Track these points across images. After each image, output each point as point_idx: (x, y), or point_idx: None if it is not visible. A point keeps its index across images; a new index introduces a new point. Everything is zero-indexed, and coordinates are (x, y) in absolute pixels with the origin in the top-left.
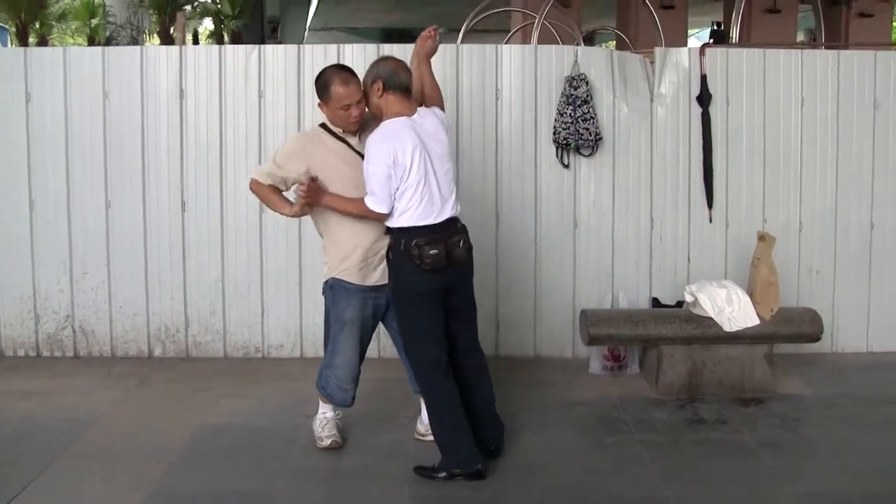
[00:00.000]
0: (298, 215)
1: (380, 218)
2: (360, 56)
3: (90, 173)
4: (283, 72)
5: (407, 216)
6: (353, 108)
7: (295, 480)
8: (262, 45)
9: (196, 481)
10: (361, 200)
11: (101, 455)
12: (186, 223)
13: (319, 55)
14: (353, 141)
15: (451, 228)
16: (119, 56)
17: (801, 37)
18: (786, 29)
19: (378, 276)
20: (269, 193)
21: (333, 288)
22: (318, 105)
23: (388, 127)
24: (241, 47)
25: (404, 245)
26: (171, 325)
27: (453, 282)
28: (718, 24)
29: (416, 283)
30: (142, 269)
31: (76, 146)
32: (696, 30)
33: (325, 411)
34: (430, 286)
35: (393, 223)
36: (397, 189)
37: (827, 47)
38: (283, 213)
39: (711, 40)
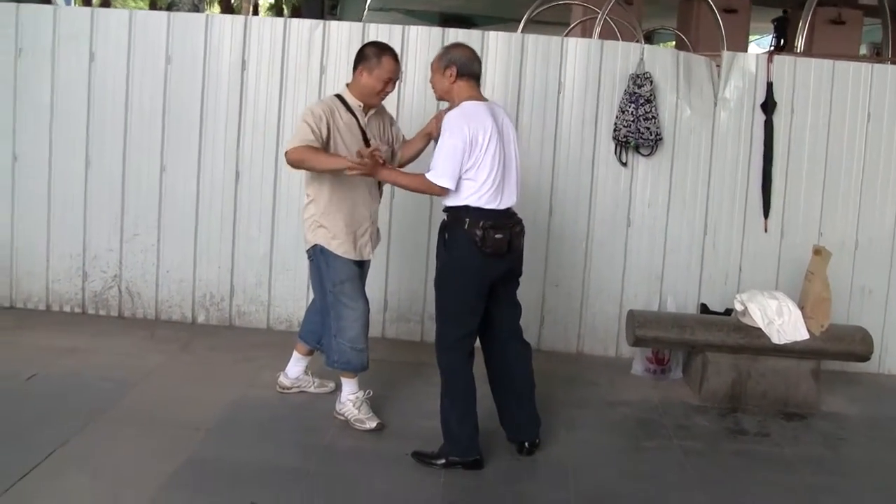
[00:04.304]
0: (356, 174)
1: (441, 193)
2: (424, 39)
3: (148, 136)
4: (347, 48)
5: (475, 197)
6: (390, 84)
7: (332, 459)
8: (328, 21)
9: (231, 452)
10: (422, 176)
11: (139, 419)
12: (239, 193)
13: (384, 34)
14: (362, 118)
15: (511, 218)
16: (185, 22)
17: (863, 50)
18: (850, 41)
19: (367, 251)
20: (313, 153)
21: (324, 251)
22: (358, 71)
23: (469, 107)
24: (306, 21)
25: (468, 225)
26: (216, 292)
27: (508, 269)
28: (785, 11)
29: (470, 264)
30: (191, 235)
31: (135, 109)
32: (757, 36)
33: (354, 391)
34: (483, 270)
35: (456, 202)
36: (468, 168)
37: (893, 62)
38: (338, 168)
39: (774, 29)
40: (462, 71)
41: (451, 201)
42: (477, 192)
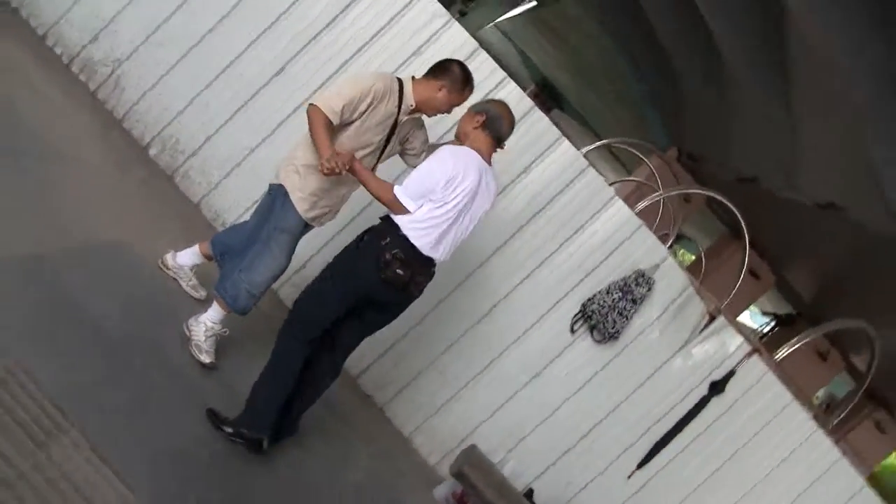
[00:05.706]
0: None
1: (400, 210)
2: (513, 101)
3: None
4: (446, 54)
5: (413, 226)
6: (455, 109)
7: (140, 353)
8: (448, 22)
9: (68, 283)
10: (390, 186)
11: (32, 197)
12: (269, 84)
13: (485, 71)
14: (403, 114)
15: (427, 268)
16: None
17: (820, 393)
18: (820, 379)
19: (318, 220)
20: (320, 127)
21: (286, 196)
22: (438, 83)
23: (469, 152)
24: (433, 6)
25: (387, 243)
26: (183, 141)
27: (386, 301)
28: (799, 313)
29: (358, 275)
30: (203, 82)
31: None
32: (757, 308)
33: (216, 321)
34: (363, 288)
35: (397, 219)
36: (430, 200)
37: (835, 430)
38: (320, 155)
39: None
40: (489, 125)
41: (395, 216)
42: (416, 224)
